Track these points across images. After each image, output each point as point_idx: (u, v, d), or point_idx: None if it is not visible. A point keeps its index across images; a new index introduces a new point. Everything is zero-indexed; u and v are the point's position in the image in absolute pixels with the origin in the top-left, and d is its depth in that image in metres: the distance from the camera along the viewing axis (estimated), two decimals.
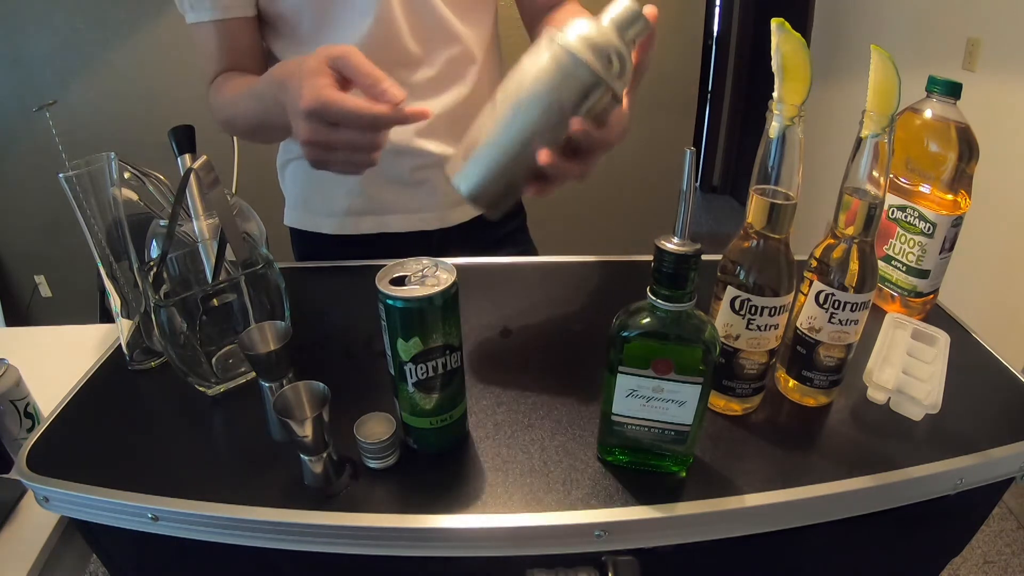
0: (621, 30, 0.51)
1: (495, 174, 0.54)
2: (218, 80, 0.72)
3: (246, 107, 0.66)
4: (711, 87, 3.94)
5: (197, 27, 0.71)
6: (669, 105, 2.35)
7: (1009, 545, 1.63)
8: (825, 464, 0.48)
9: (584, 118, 0.51)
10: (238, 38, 0.72)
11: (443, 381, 0.46)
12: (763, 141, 0.46)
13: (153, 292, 0.52)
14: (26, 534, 0.52)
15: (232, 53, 0.72)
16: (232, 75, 0.72)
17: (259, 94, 0.62)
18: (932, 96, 0.60)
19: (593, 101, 0.51)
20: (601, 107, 0.51)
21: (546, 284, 0.74)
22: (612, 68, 0.50)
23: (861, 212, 0.48)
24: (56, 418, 0.53)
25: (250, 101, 0.65)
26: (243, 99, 0.66)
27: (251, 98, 0.64)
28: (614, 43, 0.50)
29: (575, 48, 0.49)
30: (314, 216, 0.86)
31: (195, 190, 0.60)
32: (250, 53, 0.74)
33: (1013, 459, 0.49)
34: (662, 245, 0.40)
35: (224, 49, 0.72)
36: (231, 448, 0.52)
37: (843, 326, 0.50)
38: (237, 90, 0.68)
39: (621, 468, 0.48)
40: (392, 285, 0.43)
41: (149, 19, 2.07)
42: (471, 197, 0.55)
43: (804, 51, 0.44)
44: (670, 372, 0.42)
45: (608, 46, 0.50)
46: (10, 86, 2.14)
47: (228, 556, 0.48)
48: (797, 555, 0.52)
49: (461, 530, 0.43)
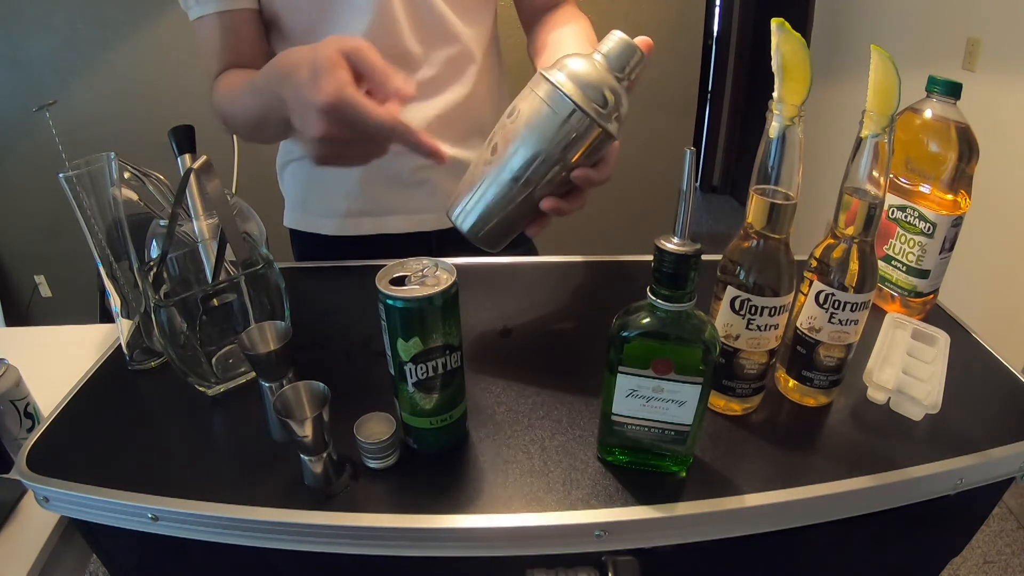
0: (617, 68, 0.50)
1: (494, 216, 0.55)
2: (220, 77, 0.72)
3: (244, 103, 0.64)
4: (711, 87, 3.94)
5: (201, 22, 0.70)
6: (669, 105, 2.35)
7: (1009, 545, 1.63)
8: (825, 464, 0.48)
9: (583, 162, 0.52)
10: (242, 31, 0.71)
11: (443, 381, 0.46)
12: (763, 141, 0.46)
13: (153, 292, 0.52)
14: (26, 534, 0.52)
15: (236, 47, 0.72)
16: (234, 71, 0.71)
17: (258, 88, 0.60)
18: (932, 96, 0.60)
19: (590, 144, 0.51)
20: (598, 148, 0.52)
21: (546, 284, 0.74)
22: (608, 109, 0.50)
23: (861, 212, 0.48)
24: (56, 418, 0.53)
25: (248, 96, 0.63)
26: (241, 95, 0.65)
27: (249, 93, 0.62)
28: (609, 83, 0.50)
29: (571, 94, 0.49)
30: (313, 217, 0.86)
31: (195, 190, 0.60)
32: (254, 47, 0.73)
33: (1013, 459, 0.49)
34: (662, 245, 0.40)
35: (228, 44, 0.71)
36: (231, 448, 0.52)
37: (843, 326, 0.50)
38: (236, 86, 0.67)
39: (621, 468, 0.48)
40: (392, 285, 0.43)
41: (149, 19, 2.07)
42: (471, 236, 0.56)
43: (804, 51, 0.44)
44: (670, 372, 0.42)
45: (603, 86, 0.50)
46: (10, 86, 2.14)
47: (228, 556, 0.48)
48: (797, 555, 0.52)
49: (461, 530, 0.43)
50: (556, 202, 0.53)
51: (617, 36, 0.51)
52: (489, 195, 0.54)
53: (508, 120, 0.53)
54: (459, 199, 0.56)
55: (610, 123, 0.51)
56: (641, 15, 2.21)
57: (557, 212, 0.54)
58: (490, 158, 0.53)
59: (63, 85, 2.13)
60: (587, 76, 0.50)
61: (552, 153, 0.51)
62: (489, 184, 0.53)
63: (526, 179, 0.52)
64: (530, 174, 0.52)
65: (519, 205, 0.54)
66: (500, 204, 0.54)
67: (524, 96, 0.52)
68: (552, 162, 0.51)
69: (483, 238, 0.57)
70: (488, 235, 0.56)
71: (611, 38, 0.51)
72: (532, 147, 0.51)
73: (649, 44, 0.51)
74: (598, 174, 0.53)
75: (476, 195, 0.54)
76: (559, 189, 0.54)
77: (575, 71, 0.50)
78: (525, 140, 0.51)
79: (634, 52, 0.50)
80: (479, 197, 0.54)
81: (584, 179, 0.52)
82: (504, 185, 0.53)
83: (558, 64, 0.51)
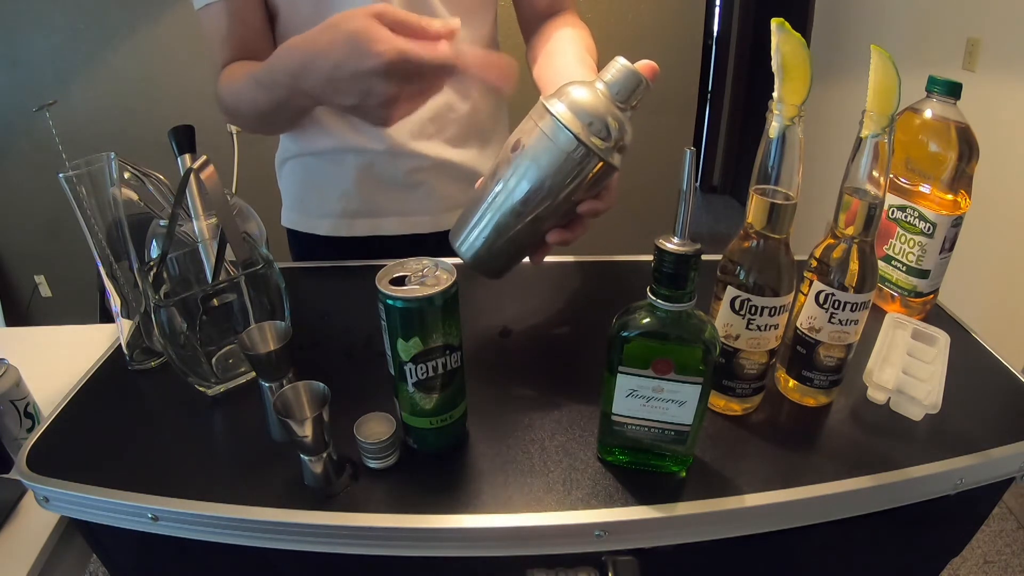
0: (620, 99, 0.49)
1: (497, 246, 0.54)
2: (224, 71, 0.71)
3: (250, 97, 0.64)
4: (711, 87, 3.94)
5: (207, 10, 0.69)
6: (669, 105, 2.35)
7: (1009, 545, 1.63)
8: (825, 464, 0.48)
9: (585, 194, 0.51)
10: (248, 19, 0.71)
11: (443, 381, 0.46)
12: (763, 141, 0.46)
13: (153, 292, 0.52)
14: (26, 534, 0.52)
15: (242, 36, 0.71)
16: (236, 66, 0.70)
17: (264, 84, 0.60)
18: (932, 96, 0.60)
19: (592, 177, 0.50)
20: (600, 180, 0.51)
21: (546, 284, 0.74)
22: (610, 142, 0.49)
23: (861, 212, 0.48)
24: (56, 418, 0.53)
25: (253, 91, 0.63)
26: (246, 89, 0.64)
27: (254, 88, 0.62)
28: (612, 113, 0.49)
29: (574, 127, 0.48)
30: (309, 217, 0.86)
31: (195, 190, 0.60)
32: (260, 35, 0.72)
33: (1013, 459, 0.49)
34: (662, 245, 0.40)
35: (234, 32, 0.70)
36: (231, 448, 0.52)
37: (843, 326, 0.50)
38: (238, 78, 0.67)
39: (621, 468, 0.48)
40: (392, 285, 0.43)
41: (149, 19, 2.07)
42: (474, 267, 0.56)
43: (804, 51, 0.44)
44: (670, 372, 0.42)
45: (606, 116, 0.49)
46: (10, 86, 2.14)
47: (228, 556, 0.48)
48: (797, 555, 0.52)
49: (461, 530, 0.43)
50: (562, 234, 0.54)
51: (620, 63, 0.49)
52: (492, 227, 0.53)
53: (511, 152, 0.52)
54: (462, 229, 0.55)
55: (613, 156, 0.50)
56: (641, 15, 2.21)
57: (562, 243, 0.54)
58: (493, 189, 0.53)
59: (63, 85, 2.13)
60: (590, 107, 0.49)
61: (555, 186, 0.50)
62: (492, 216, 0.53)
63: (529, 212, 0.52)
64: (533, 207, 0.52)
65: (522, 236, 0.54)
66: (503, 235, 0.54)
67: (526, 128, 0.51)
68: (555, 195, 0.51)
69: (486, 268, 0.57)
70: (491, 266, 0.56)
71: (614, 66, 0.50)
72: (535, 180, 0.51)
73: (654, 69, 0.50)
74: (603, 204, 0.53)
75: (479, 226, 0.54)
76: (562, 220, 0.54)
77: (577, 101, 0.49)
78: (528, 173, 0.51)
79: (639, 81, 0.49)
80: (482, 228, 0.54)
81: (590, 211, 0.52)
82: (507, 217, 0.53)
83: (560, 94, 0.50)
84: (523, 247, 0.56)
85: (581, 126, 0.48)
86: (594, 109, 0.49)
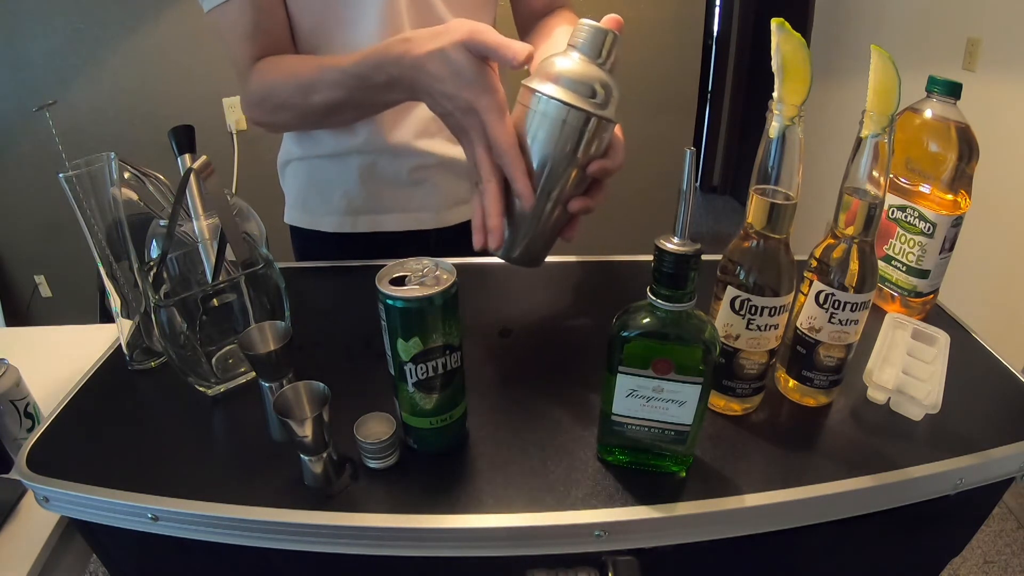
0: (593, 56, 0.51)
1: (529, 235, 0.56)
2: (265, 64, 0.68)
3: (327, 83, 0.63)
4: (711, 87, 3.94)
5: (226, 8, 0.67)
6: (669, 105, 2.35)
7: (1009, 545, 1.63)
8: (825, 464, 0.48)
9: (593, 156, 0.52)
10: (274, 12, 0.69)
11: (443, 381, 0.46)
12: (763, 141, 0.46)
13: (153, 292, 0.52)
14: (26, 534, 0.52)
15: (270, 30, 0.69)
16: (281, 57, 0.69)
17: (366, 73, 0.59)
18: (932, 96, 0.60)
19: (593, 136, 0.52)
20: (601, 137, 0.52)
21: (546, 284, 0.74)
22: (599, 97, 0.51)
23: (861, 212, 0.48)
24: (56, 418, 0.53)
25: (338, 76, 0.62)
26: (321, 79, 0.63)
27: (340, 76, 0.61)
28: (591, 72, 0.50)
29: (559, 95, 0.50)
30: (313, 215, 0.86)
31: (195, 190, 0.60)
32: (286, 29, 0.71)
33: (1013, 459, 0.49)
34: (662, 245, 0.40)
35: (261, 26, 0.68)
36: (231, 448, 0.52)
37: (843, 326, 0.50)
38: (313, 69, 0.64)
39: (621, 468, 0.48)
40: (392, 285, 0.43)
41: (149, 19, 2.07)
42: (513, 261, 0.58)
43: (804, 51, 0.44)
44: (670, 372, 0.42)
45: (585, 77, 0.50)
46: (10, 86, 2.14)
47: (228, 556, 0.48)
48: (797, 555, 0.52)
49: (461, 530, 0.43)
50: (583, 201, 0.55)
51: (585, 24, 0.51)
52: (517, 218, 0.55)
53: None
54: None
55: (606, 109, 0.51)
56: (641, 15, 2.21)
57: (585, 210, 0.56)
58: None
59: (63, 85, 2.13)
60: (568, 73, 0.50)
61: (562, 157, 0.52)
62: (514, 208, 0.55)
63: (546, 190, 0.53)
64: (548, 184, 0.53)
65: (548, 216, 0.55)
66: (531, 222, 0.55)
67: (516, 113, 0.53)
68: (565, 165, 0.52)
69: (525, 259, 0.58)
70: (529, 254, 0.58)
71: (579, 29, 0.51)
72: (541, 158, 0.52)
73: (619, 21, 0.51)
74: (612, 162, 0.54)
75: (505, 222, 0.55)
76: (579, 189, 0.55)
77: (555, 73, 0.50)
78: (533, 154, 0.52)
79: (605, 35, 0.50)
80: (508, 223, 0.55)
81: (601, 171, 0.54)
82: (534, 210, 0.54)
83: (538, 72, 0.52)
84: (553, 227, 0.57)
85: (566, 92, 0.50)
86: (572, 73, 0.50)
